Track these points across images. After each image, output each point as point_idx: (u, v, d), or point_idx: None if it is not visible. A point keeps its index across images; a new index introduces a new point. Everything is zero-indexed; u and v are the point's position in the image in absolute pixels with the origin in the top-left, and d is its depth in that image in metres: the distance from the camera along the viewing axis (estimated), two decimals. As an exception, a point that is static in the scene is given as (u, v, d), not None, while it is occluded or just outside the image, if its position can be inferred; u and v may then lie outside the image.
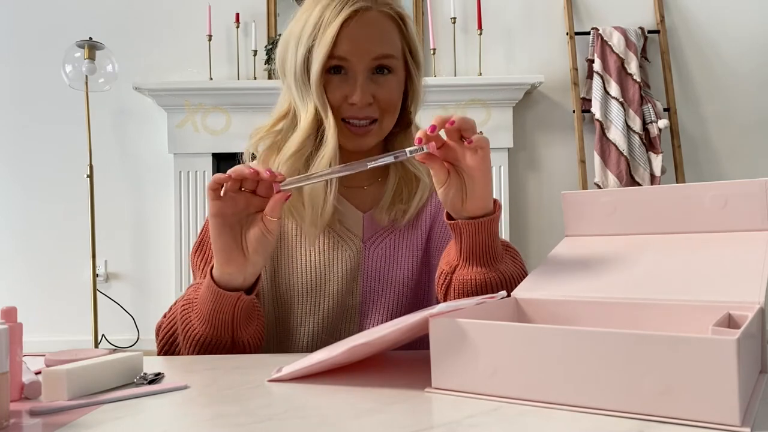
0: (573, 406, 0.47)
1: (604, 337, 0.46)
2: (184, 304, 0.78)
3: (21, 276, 3.11)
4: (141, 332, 3.09)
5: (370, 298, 0.87)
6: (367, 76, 0.81)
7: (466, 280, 0.74)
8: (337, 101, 0.82)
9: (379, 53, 0.81)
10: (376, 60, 0.81)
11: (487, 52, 3.09)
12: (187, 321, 0.76)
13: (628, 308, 0.60)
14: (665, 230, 0.69)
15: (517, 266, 0.78)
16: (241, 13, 3.07)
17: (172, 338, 0.80)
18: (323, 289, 0.85)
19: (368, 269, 0.87)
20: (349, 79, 0.81)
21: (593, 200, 0.73)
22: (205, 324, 0.74)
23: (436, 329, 0.54)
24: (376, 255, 0.88)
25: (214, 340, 0.74)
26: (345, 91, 0.81)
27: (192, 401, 0.55)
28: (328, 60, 0.79)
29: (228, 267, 0.71)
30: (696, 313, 0.57)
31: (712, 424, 0.42)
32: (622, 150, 2.91)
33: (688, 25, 3.14)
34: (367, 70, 0.81)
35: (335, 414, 0.50)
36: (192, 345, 0.76)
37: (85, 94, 2.86)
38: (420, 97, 0.90)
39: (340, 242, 0.86)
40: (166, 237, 3.09)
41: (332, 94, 0.82)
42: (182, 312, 0.77)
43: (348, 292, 0.87)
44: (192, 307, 0.76)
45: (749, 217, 0.64)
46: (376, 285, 0.88)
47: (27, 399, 0.56)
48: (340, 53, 0.79)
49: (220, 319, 0.73)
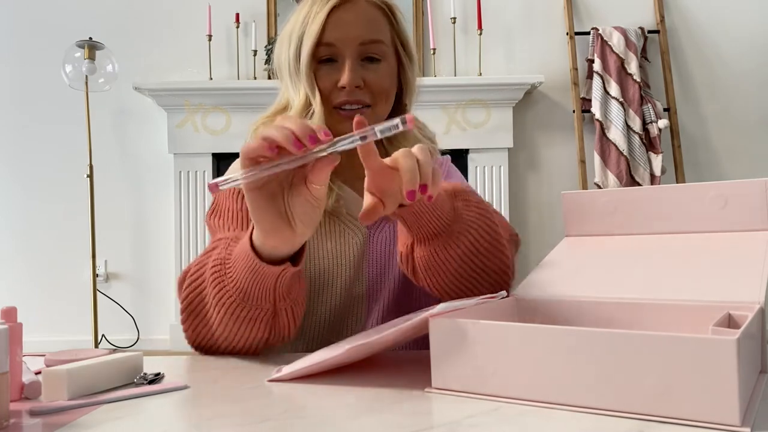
0: (573, 406, 0.47)
1: (604, 337, 0.46)
2: (216, 266, 0.70)
3: (21, 276, 3.11)
4: (141, 332, 3.09)
5: (377, 283, 0.88)
6: (356, 61, 0.82)
7: (427, 256, 0.71)
8: (328, 88, 0.82)
9: (367, 38, 0.81)
10: (363, 45, 0.81)
11: (487, 52, 3.08)
12: (221, 283, 0.68)
13: (628, 308, 0.60)
14: (665, 230, 0.69)
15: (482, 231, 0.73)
16: (241, 13, 3.07)
17: (198, 298, 0.72)
18: (332, 278, 0.86)
19: (373, 255, 0.88)
20: (339, 67, 0.82)
21: (593, 200, 0.73)
22: (240, 291, 0.67)
23: (436, 329, 0.54)
24: (381, 240, 0.89)
25: (253, 306, 0.68)
26: (335, 78, 0.82)
27: (192, 401, 0.55)
28: (317, 48, 0.80)
29: (273, 240, 0.63)
30: (696, 313, 0.57)
31: (712, 424, 0.42)
32: (622, 150, 2.91)
33: (688, 25, 3.14)
34: (356, 56, 0.82)
35: (335, 414, 0.50)
36: (227, 308, 0.68)
37: (85, 94, 2.86)
38: (414, 89, 0.89)
39: (346, 230, 0.87)
40: (166, 237, 3.09)
41: (322, 81, 0.82)
42: (213, 272, 0.69)
43: (355, 279, 0.87)
44: (225, 269, 0.68)
45: (749, 217, 0.64)
46: (382, 270, 0.88)
47: (27, 399, 0.56)
48: (328, 39, 0.80)
49: (259, 291, 0.66)
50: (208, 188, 0.57)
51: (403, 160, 0.60)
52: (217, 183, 0.57)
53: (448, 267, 0.72)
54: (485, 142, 2.98)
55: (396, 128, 0.56)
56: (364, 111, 0.83)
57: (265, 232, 0.62)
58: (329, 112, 0.82)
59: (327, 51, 0.81)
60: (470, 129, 3.00)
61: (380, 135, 0.56)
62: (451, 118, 3.00)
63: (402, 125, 0.55)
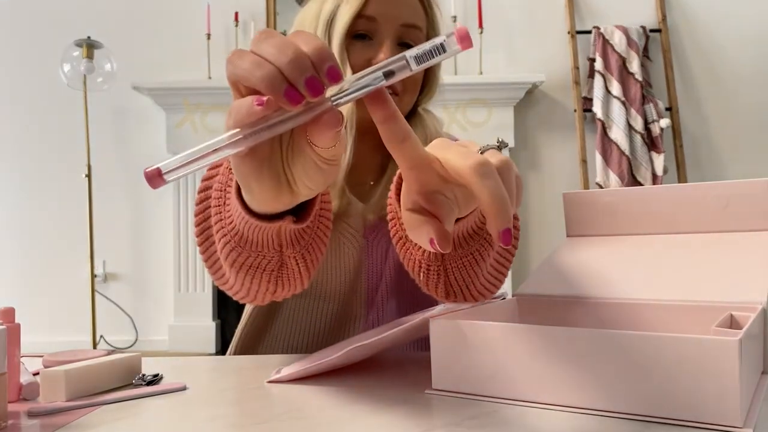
0: (573, 406, 0.47)
1: (605, 338, 0.45)
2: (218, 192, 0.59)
3: (19, 276, 3.11)
4: (139, 333, 3.09)
5: (375, 292, 0.86)
6: (394, 43, 0.77)
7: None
8: (360, 65, 0.76)
9: (409, 21, 0.77)
10: (404, 27, 0.77)
11: (488, 51, 3.08)
12: (221, 223, 0.58)
13: (629, 308, 0.60)
14: (667, 230, 0.69)
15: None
16: (240, 12, 3.07)
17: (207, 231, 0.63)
18: (328, 287, 0.83)
19: (371, 263, 0.85)
20: (374, 44, 0.77)
21: (595, 200, 0.73)
22: (240, 239, 0.55)
23: (436, 330, 0.53)
24: (378, 249, 0.85)
25: (254, 257, 0.57)
26: (369, 55, 0.76)
27: (191, 402, 0.55)
28: (356, 20, 0.75)
29: (269, 207, 0.47)
30: (698, 314, 0.56)
31: (714, 426, 0.42)
32: (623, 149, 2.90)
33: (690, 24, 3.13)
34: (394, 37, 0.77)
35: (335, 415, 0.49)
36: (228, 256, 0.58)
37: (84, 94, 2.86)
38: (435, 89, 0.85)
39: (342, 238, 0.82)
40: (165, 237, 3.09)
41: (354, 57, 0.76)
42: (217, 207, 0.58)
43: (353, 288, 0.84)
44: (225, 201, 0.57)
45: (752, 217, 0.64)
46: (380, 278, 0.86)
47: (25, 400, 0.56)
48: (370, 12, 0.75)
49: (260, 241, 0.54)
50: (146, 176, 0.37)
51: (481, 179, 0.39)
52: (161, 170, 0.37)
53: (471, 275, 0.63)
54: (486, 141, 2.98)
55: (442, 50, 0.36)
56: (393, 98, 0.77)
57: (258, 202, 0.46)
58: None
59: (366, 25, 0.76)
60: (471, 128, 3.00)
61: (415, 66, 0.37)
62: (452, 117, 3.00)
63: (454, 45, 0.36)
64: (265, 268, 0.58)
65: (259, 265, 0.57)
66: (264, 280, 0.59)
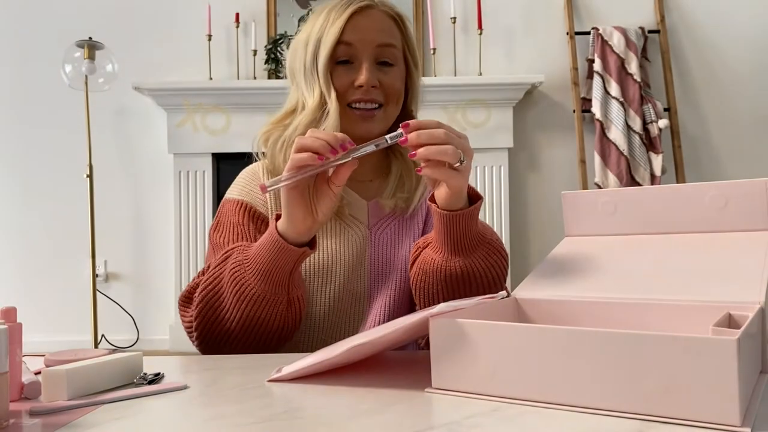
0: (573, 406, 0.47)
1: (604, 337, 0.46)
2: (235, 266, 0.78)
3: (20, 276, 3.11)
4: (140, 332, 3.09)
5: (378, 282, 0.91)
6: (372, 63, 0.87)
7: (429, 259, 0.80)
8: (344, 87, 0.87)
9: (383, 41, 0.88)
10: (380, 48, 0.87)
11: (487, 51, 3.09)
12: (241, 281, 0.77)
13: (628, 308, 0.60)
14: (665, 230, 0.69)
15: (489, 263, 0.80)
16: (240, 12, 3.07)
17: (214, 299, 0.79)
18: (331, 273, 0.89)
19: (375, 254, 0.92)
20: (355, 67, 0.87)
21: (593, 200, 0.73)
22: (263, 281, 0.76)
23: (436, 329, 0.53)
24: (381, 240, 0.92)
25: (271, 297, 0.77)
26: (351, 77, 0.87)
27: (192, 401, 0.55)
28: (336, 47, 0.86)
29: (300, 227, 0.75)
30: (696, 313, 0.56)
31: (713, 425, 0.42)
32: (622, 150, 2.91)
33: (689, 24, 3.14)
34: (373, 58, 0.87)
35: (335, 414, 0.50)
36: (246, 304, 0.77)
37: (85, 94, 2.86)
38: (419, 96, 0.95)
39: (347, 229, 0.91)
40: (166, 237, 3.09)
41: (338, 80, 0.87)
42: (233, 273, 0.78)
43: (356, 277, 0.90)
44: (245, 268, 0.78)
45: (750, 217, 0.64)
46: (383, 269, 0.92)
47: (27, 399, 0.56)
48: (348, 39, 0.86)
49: (279, 276, 0.76)
50: (260, 189, 0.73)
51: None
52: (266, 186, 0.73)
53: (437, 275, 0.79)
54: (485, 142, 2.98)
55: (401, 136, 0.71)
56: (376, 111, 0.88)
57: (294, 223, 0.75)
58: (343, 110, 0.87)
59: (345, 51, 0.86)
60: (470, 129, 3.00)
61: (390, 142, 0.72)
62: (451, 118, 3.00)
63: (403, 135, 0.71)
64: (278, 314, 0.78)
65: (273, 313, 0.78)
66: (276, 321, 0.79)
